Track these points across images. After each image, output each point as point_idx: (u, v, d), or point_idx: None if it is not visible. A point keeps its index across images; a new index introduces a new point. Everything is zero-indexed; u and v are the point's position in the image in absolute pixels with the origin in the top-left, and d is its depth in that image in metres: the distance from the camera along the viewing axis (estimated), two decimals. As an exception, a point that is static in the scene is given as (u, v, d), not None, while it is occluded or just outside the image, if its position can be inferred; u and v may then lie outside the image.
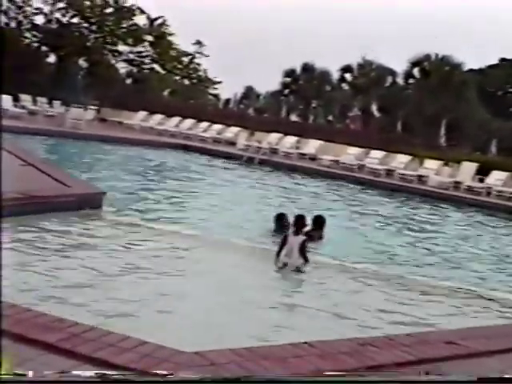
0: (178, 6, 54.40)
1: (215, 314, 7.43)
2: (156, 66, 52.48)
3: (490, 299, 10.21)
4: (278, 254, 10.67)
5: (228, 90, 60.75)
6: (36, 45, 48.07)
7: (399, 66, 55.18)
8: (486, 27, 67.13)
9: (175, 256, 10.15)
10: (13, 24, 47.45)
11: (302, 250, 10.58)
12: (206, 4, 64.55)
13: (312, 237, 11.81)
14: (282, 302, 8.67)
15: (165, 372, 4.56)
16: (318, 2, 68.86)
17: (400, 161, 29.92)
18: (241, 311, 7.83)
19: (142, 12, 50.28)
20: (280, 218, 12.65)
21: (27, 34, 47.79)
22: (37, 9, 47.64)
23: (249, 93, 67.24)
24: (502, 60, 64.87)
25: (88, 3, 47.84)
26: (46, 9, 47.68)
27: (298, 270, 10.37)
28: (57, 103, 37.07)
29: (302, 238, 10.81)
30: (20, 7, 47.23)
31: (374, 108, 55.94)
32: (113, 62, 50.99)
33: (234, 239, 11.72)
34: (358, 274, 10.55)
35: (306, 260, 10.56)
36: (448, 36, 62.32)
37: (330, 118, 58.67)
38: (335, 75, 60.18)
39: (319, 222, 12.80)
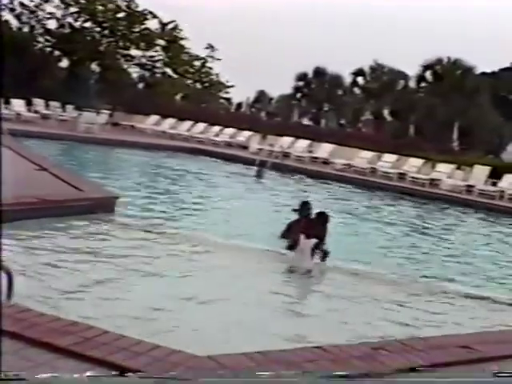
0: (189, 10, 54.45)
1: (228, 318, 7.43)
2: (168, 70, 52.49)
3: (505, 303, 10.17)
4: (283, 236, 10.77)
5: (240, 93, 60.85)
6: (49, 49, 48.17)
7: (411, 69, 55.16)
8: (499, 30, 66.90)
9: (189, 259, 10.15)
10: (25, 29, 47.60)
11: (314, 252, 10.63)
12: (217, 7, 64.73)
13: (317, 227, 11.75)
14: (293, 306, 8.68)
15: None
16: (331, 3, 68.77)
17: (412, 164, 29.87)
18: (252, 313, 7.83)
19: (154, 16, 50.34)
20: (304, 206, 12.46)
21: (40, 39, 47.90)
22: (49, 13, 47.75)
23: (261, 96, 67.33)
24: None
25: (100, 8, 47.94)
26: (59, 13, 47.79)
27: (309, 272, 10.40)
28: (69, 107, 37.17)
29: (313, 240, 10.81)
30: (33, 12, 47.34)
31: (386, 112, 55.84)
32: (125, 66, 51.06)
33: (248, 243, 11.67)
34: (369, 278, 10.52)
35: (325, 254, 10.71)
36: (460, 39, 62.12)
37: (342, 121, 58.64)
38: (347, 79, 60.24)
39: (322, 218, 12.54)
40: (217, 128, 37.76)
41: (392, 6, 65.48)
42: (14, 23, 46.96)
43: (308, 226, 11.42)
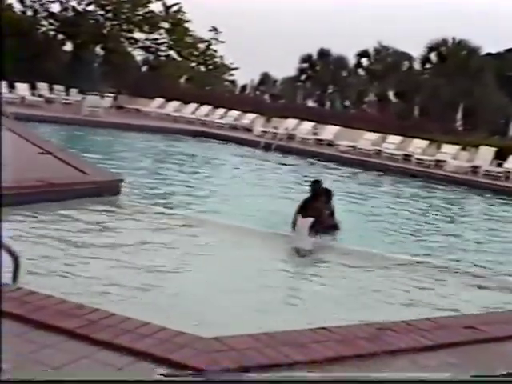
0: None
1: (233, 299, 7.45)
2: (172, 53, 52.41)
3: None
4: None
5: (244, 76, 60.69)
6: (52, 33, 48.07)
7: (416, 50, 54.90)
8: (505, 11, 66.57)
9: (194, 242, 10.18)
10: (29, 12, 47.51)
11: (313, 229, 10.75)
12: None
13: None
14: (299, 287, 8.71)
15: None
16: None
17: (417, 146, 29.80)
18: (258, 295, 7.85)
19: (158, -1, 50.21)
20: (315, 184, 12.49)
21: (43, 23, 47.81)
22: (53, -3, 47.69)
23: (265, 79, 67.13)
24: (520, 43, 64.32)
25: (103, -10, 47.83)
26: (62, -4, 47.73)
27: (308, 253, 10.47)
28: (73, 91, 37.15)
29: (310, 219, 10.89)
30: (36, -5, 47.30)
31: (390, 93, 55.65)
32: (129, 49, 50.97)
33: (253, 226, 11.67)
34: (376, 260, 10.53)
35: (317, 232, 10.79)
36: (465, 20, 61.81)
37: (347, 103, 58.50)
38: (352, 61, 60.01)
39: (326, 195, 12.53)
40: (221, 110, 37.73)
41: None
42: (18, 7, 46.91)
43: (306, 206, 11.50)
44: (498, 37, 63.22)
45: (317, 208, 11.53)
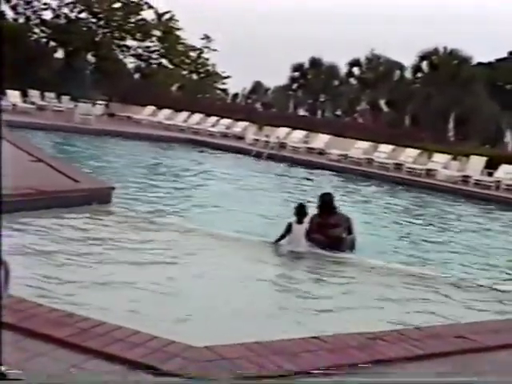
0: (186, 1, 54.34)
1: (226, 308, 7.44)
2: (164, 61, 52.50)
3: (502, 291, 10.19)
4: (277, 241, 10.96)
5: (236, 84, 60.79)
6: (44, 40, 48.12)
7: (407, 59, 55.06)
8: (495, 20, 66.88)
9: (185, 251, 10.17)
10: (21, 19, 47.53)
11: (309, 236, 10.84)
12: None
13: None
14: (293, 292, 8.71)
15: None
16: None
17: (408, 155, 29.89)
18: (252, 303, 7.85)
19: (150, 7, 50.28)
20: (301, 209, 12.20)
21: (35, 30, 47.85)
22: (45, 4, 47.73)
23: (257, 87, 67.21)
24: (511, 53, 64.59)
25: (96, -2, 47.89)
26: (54, 4, 47.79)
27: (303, 257, 10.63)
28: (65, 98, 37.15)
29: (305, 225, 10.98)
30: (28, 2, 47.32)
31: (382, 102, 55.78)
32: (121, 56, 51.04)
33: (243, 235, 11.66)
34: (370, 270, 10.55)
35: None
36: (456, 29, 62.09)
37: (338, 112, 58.59)
38: (343, 69, 60.12)
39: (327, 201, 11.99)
40: (213, 119, 37.78)
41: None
42: (10, 14, 46.94)
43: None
44: (488, 46, 63.56)
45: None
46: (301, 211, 11.21)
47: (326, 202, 11.84)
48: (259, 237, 11.48)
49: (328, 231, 11.25)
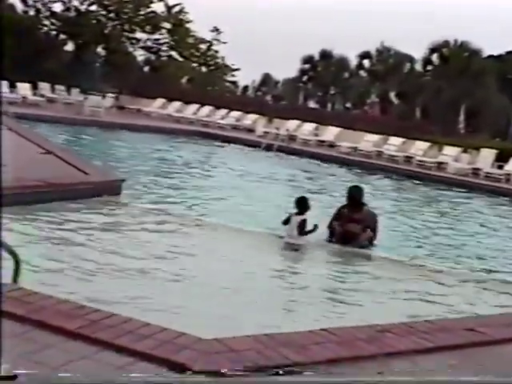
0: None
1: (231, 300, 7.45)
2: (174, 54, 52.43)
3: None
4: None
5: (246, 77, 60.72)
6: (54, 33, 48.12)
7: (418, 52, 54.86)
8: (506, 13, 66.40)
9: (197, 243, 10.19)
10: (31, 12, 47.53)
11: (301, 229, 10.80)
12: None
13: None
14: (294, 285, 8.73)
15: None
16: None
17: (419, 147, 29.81)
18: (254, 296, 7.85)
19: (160, -1, 50.22)
20: (301, 201, 12.17)
21: (45, 22, 47.84)
22: (55, -4, 47.70)
23: (267, 80, 67.16)
24: (522, 46, 64.24)
25: (106, -10, 47.85)
26: (64, -4, 47.74)
27: (298, 249, 10.65)
28: (75, 91, 37.17)
29: (301, 217, 10.95)
30: (38, -5, 47.31)
31: (392, 95, 55.64)
32: (130, 49, 51.00)
33: (251, 227, 11.66)
34: (380, 263, 10.55)
35: (305, 233, 10.83)
36: (468, 22, 61.80)
37: (348, 104, 58.48)
38: (353, 62, 59.97)
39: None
40: (223, 111, 37.77)
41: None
42: (20, 6, 46.95)
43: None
44: (499, 39, 63.26)
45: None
46: (300, 203, 11.21)
47: (352, 195, 11.79)
48: (270, 230, 11.49)
49: (347, 224, 11.22)
